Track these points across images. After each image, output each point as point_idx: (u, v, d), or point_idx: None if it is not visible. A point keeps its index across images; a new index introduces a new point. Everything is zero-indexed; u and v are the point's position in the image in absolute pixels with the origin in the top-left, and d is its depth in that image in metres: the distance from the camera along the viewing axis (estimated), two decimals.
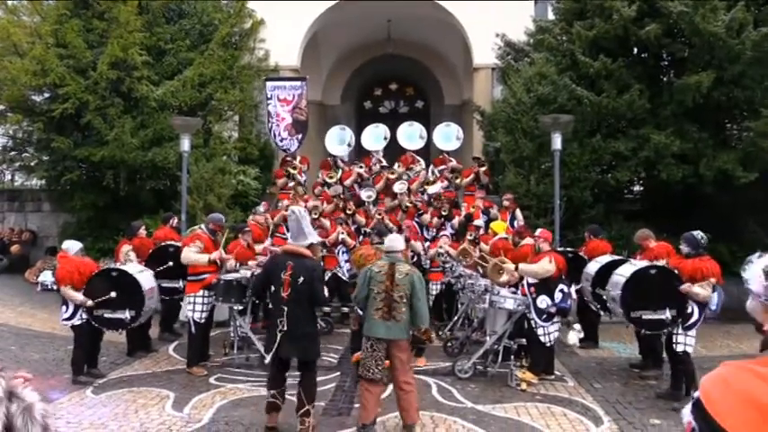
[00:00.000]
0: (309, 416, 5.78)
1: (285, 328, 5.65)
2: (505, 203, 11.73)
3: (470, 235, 10.71)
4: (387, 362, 5.87)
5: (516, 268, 7.81)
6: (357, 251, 8.08)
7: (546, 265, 7.58)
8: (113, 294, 7.46)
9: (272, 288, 5.82)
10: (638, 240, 8.38)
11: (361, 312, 6.32)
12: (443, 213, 11.94)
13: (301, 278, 5.70)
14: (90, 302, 7.42)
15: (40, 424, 1.18)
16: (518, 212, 11.65)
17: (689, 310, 6.98)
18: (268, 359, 5.84)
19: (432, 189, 13.11)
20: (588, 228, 10.14)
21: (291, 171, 13.88)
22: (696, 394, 1.55)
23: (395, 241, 6.23)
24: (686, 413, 1.58)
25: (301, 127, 15.27)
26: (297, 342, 5.71)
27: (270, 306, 5.98)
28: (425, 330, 5.93)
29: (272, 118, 15.13)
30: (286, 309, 5.68)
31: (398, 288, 5.78)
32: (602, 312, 8.98)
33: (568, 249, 9.99)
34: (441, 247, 10.68)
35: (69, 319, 7.60)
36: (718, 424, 1.45)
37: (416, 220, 11.98)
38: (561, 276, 7.76)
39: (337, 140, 15.28)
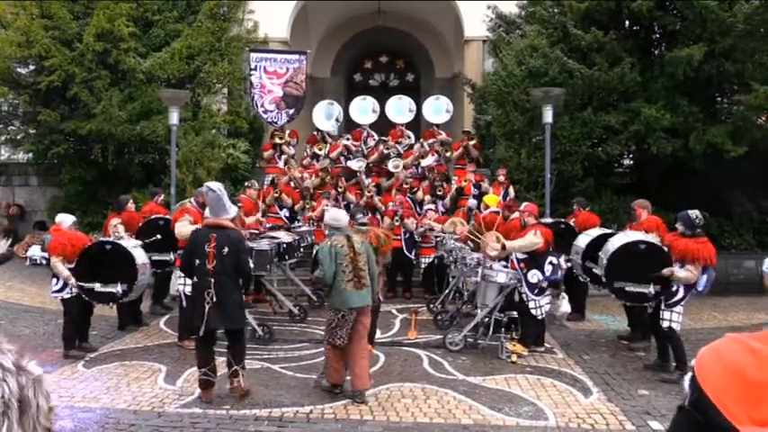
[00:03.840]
0: (238, 375, 6.01)
1: (214, 300, 5.79)
2: (501, 178, 11.75)
3: (464, 209, 10.77)
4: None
5: (503, 246, 7.79)
6: None
7: (532, 238, 7.58)
8: (97, 285, 7.42)
9: (197, 262, 5.91)
10: (635, 206, 8.37)
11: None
12: (438, 193, 11.95)
13: (226, 249, 5.84)
14: (73, 281, 7.38)
15: (47, 393, 1.20)
16: (511, 189, 11.67)
17: (674, 288, 6.97)
18: (201, 332, 5.89)
19: (425, 162, 13.09)
20: (576, 200, 10.19)
21: (278, 142, 13.77)
22: (692, 363, 1.58)
23: (340, 217, 6.42)
24: (686, 380, 1.63)
25: (295, 101, 15.14)
26: (225, 312, 5.85)
27: (195, 279, 6.08)
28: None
29: (254, 89, 15.00)
30: (213, 280, 5.81)
31: (360, 257, 6.06)
32: (590, 285, 9.06)
33: (560, 220, 10.03)
34: (425, 224, 10.70)
35: (59, 291, 7.56)
36: (705, 394, 1.47)
37: (409, 196, 11.96)
38: (549, 249, 7.79)
39: (325, 115, 15.16)
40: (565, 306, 9.38)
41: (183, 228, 7.98)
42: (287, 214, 11.95)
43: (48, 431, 1.20)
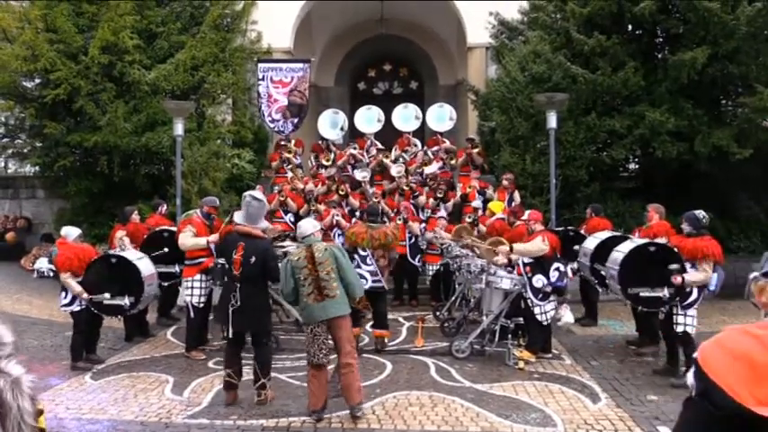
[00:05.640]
0: (266, 388, 6.22)
1: (238, 304, 6.06)
2: (505, 183, 11.72)
3: (469, 217, 10.74)
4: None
5: (511, 249, 7.80)
6: (349, 230, 8.56)
7: (539, 244, 7.57)
8: (107, 295, 7.44)
9: (226, 266, 6.26)
10: (649, 208, 8.40)
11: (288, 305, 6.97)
12: (439, 195, 11.92)
13: (253, 258, 6.09)
14: (86, 296, 7.40)
15: (29, 395, 1.17)
16: (516, 194, 11.64)
17: (687, 289, 6.97)
18: (224, 334, 6.32)
19: (429, 169, 13.08)
20: (591, 206, 10.13)
21: (287, 155, 13.83)
22: (695, 355, 1.64)
23: (305, 226, 6.24)
24: (690, 375, 1.68)
25: (298, 110, 15.18)
26: (249, 317, 6.13)
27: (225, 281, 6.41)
28: (359, 300, 6.01)
29: (261, 98, 15.07)
30: (238, 285, 6.09)
31: (323, 266, 5.80)
32: (599, 289, 9.02)
33: (570, 228, 10.00)
34: (435, 231, 10.72)
35: (68, 305, 7.58)
36: (711, 380, 1.54)
37: (412, 201, 11.96)
38: (556, 255, 7.76)
39: (330, 124, 15.18)
40: (568, 316, 9.34)
41: (186, 240, 8.01)
42: (292, 219, 11.98)
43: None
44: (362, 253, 8.18)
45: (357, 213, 11.70)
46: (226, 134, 14.36)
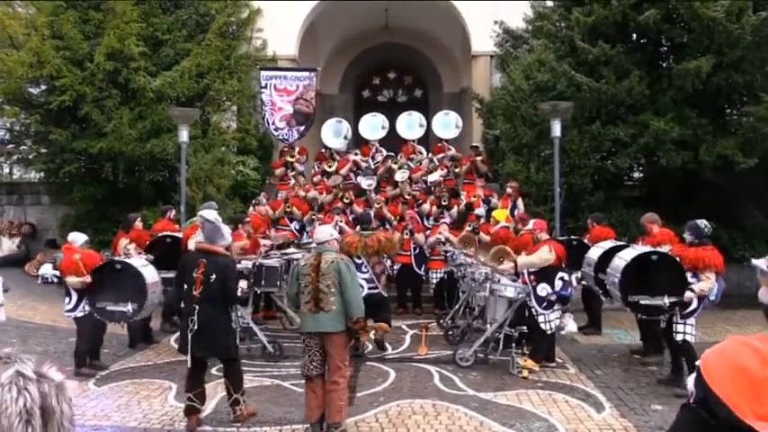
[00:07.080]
0: (239, 404, 5.88)
1: (195, 327, 5.60)
2: (508, 190, 11.71)
3: (470, 225, 10.72)
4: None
5: (515, 263, 7.78)
6: (343, 240, 8.42)
7: (544, 254, 7.54)
8: (109, 304, 7.38)
9: (185, 286, 5.77)
10: (645, 222, 8.37)
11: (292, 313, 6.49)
12: (443, 203, 11.92)
13: (213, 276, 5.66)
14: (89, 279, 7.32)
15: (70, 398, 1.20)
16: (519, 201, 11.62)
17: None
18: (188, 362, 5.75)
19: (431, 177, 13.11)
20: (592, 215, 10.12)
21: (290, 160, 13.86)
22: (698, 363, 1.64)
23: (321, 232, 6.05)
24: (690, 380, 1.68)
25: (305, 118, 15.23)
26: (210, 341, 5.68)
27: (182, 305, 5.89)
28: (357, 320, 5.53)
29: (265, 107, 15.13)
30: (197, 307, 5.63)
31: (325, 277, 5.55)
32: (603, 298, 9.00)
33: (573, 237, 9.99)
34: (440, 233, 10.71)
35: (72, 310, 7.58)
36: (711, 390, 1.53)
37: (416, 209, 11.96)
38: (561, 264, 7.75)
39: (333, 133, 15.23)
40: (571, 325, 9.32)
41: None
42: (297, 227, 12.00)
43: None
44: (357, 261, 8.09)
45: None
46: (230, 141, 14.41)
